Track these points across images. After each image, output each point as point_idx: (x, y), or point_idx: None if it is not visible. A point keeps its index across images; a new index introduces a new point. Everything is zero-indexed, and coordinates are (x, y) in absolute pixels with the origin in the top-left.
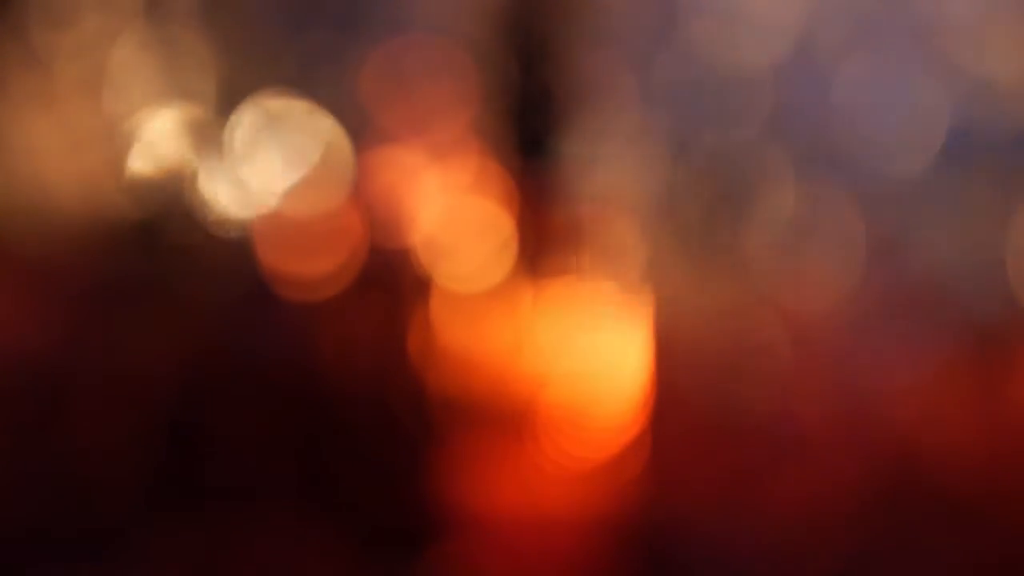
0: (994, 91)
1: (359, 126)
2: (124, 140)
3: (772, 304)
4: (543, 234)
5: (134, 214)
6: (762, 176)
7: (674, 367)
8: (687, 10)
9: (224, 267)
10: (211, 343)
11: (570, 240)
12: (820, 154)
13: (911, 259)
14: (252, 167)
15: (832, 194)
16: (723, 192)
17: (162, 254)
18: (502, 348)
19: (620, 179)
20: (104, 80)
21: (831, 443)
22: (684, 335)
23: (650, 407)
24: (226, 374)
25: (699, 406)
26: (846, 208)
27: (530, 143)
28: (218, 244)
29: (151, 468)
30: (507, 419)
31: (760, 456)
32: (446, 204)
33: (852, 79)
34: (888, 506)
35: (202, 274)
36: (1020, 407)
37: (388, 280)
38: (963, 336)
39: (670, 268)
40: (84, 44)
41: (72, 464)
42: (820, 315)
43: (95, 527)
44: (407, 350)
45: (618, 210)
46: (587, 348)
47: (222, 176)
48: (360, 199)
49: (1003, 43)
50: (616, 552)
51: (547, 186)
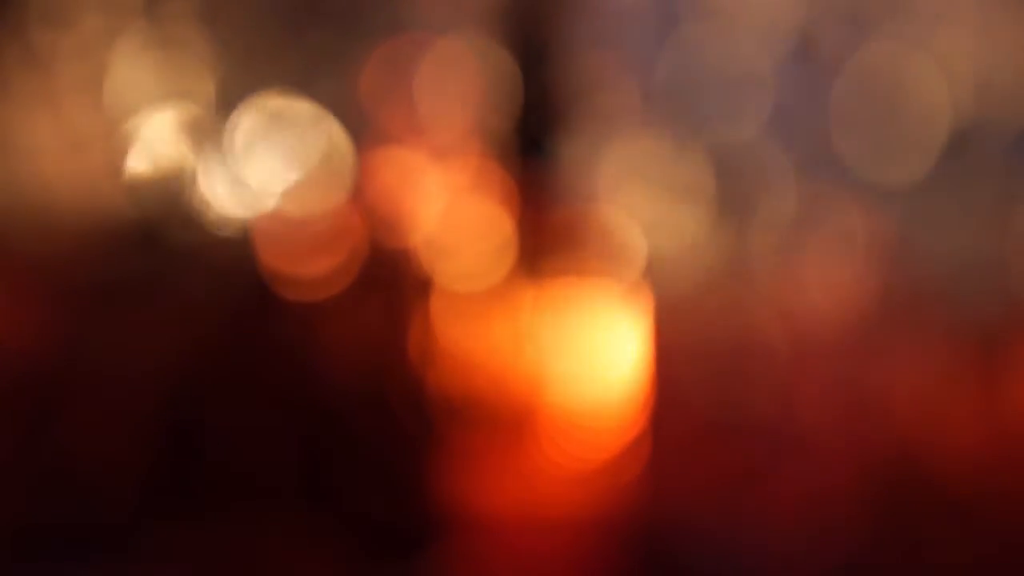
0: (994, 91)
1: (359, 126)
2: (124, 140)
3: (773, 304)
4: (543, 234)
5: (134, 214)
6: (762, 176)
7: (674, 367)
8: (687, 10)
9: (224, 267)
10: (211, 343)
11: (570, 240)
12: (820, 154)
13: (911, 259)
14: (252, 167)
15: (832, 194)
16: (724, 192)
17: (162, 254)
18: (502, 348)
19: (621, 179)
20: (104, 80)
21: (831, 443)
22: (684, 335)
23: (650, 407)
24: (226, 374)
25: (699, 406)
26: (846, 208)
27: (530, 143)
28: (218, 244)
29: (151, 468)
30: (507, 419)
31: (760, 456)
32: (446, 204)
33: (852, 79)
34: (888, 506)
35: (202, 274)
36: (1020, 407)
37: (388, 280)
38: (963, 336)
39: (670, 268)
40: (84, 44)
41: (72, 464)
42: (820, 315)
43: (95, 527)
44: (407, 350)
45: (618, 210)
46: (587, 348)
47: (222, 176)
48: (360, 199)
49: (1003, 43)
50: (616, 552)
51: (547, 186)
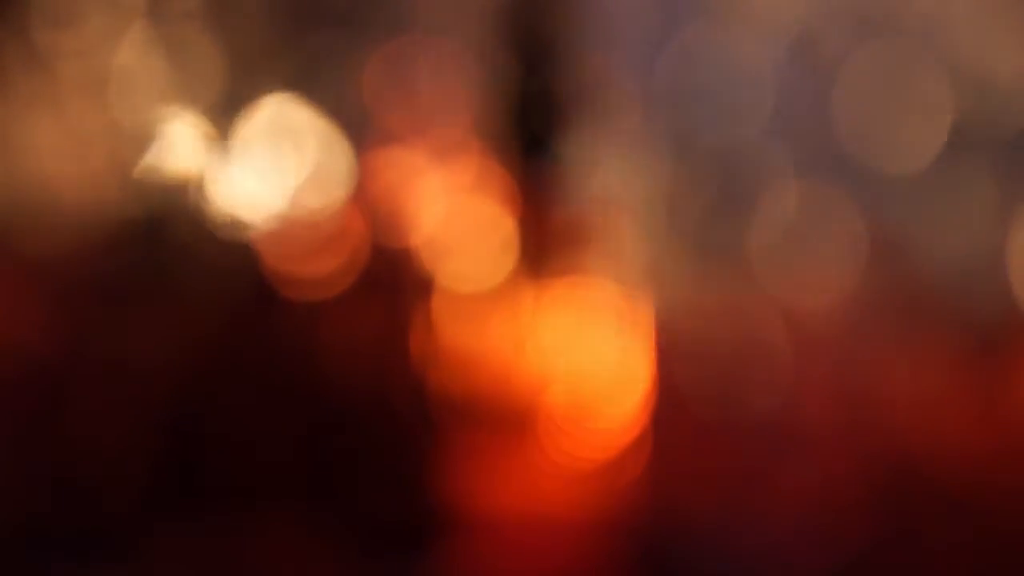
0: (994, 90)
1: (361, 127)
2: (128, 140)
3: (773, 304)
4: (544, 234)
5: (137, 214)
6: (763, 176)
7: (675, 367)
8: (688, 11)
9: (227, 267)
10: (214, 343)
11: (571, 240)
12: (820, 154)
13: (911, 258)
14: (255, 167)
15: (832, 194)
16: (724, 192)
17: (165, 254)
18: (504, 348)
19: (621, 179)
20: (108, 81)
21: (831, 443)
22: (685, 335)
23: (651, 407)
24: (229, 373)
25: (700, 406)
26: (846, 208)
27: (531, 143)
28: (221, 244)
29: (153, 467)
30: (509, 419)
31: (760, 456)
32: (448, 204)
33: (852, 79)
34: (888, 505)
35: (205, 274)
36: (1020, 406)
37: (390, 280)
38: (963, 335)
39: (671, 268)
40: (88, 45)
41: (73, 463)
42: (821, 315)
43: (95, 526)
44: (409, 350)
45: (619, 210)
46: (588, 348)
47: (225, 176)
48: (362, 199)
49: (1003, 42)
50: (616, 552)
51: (548, 186)
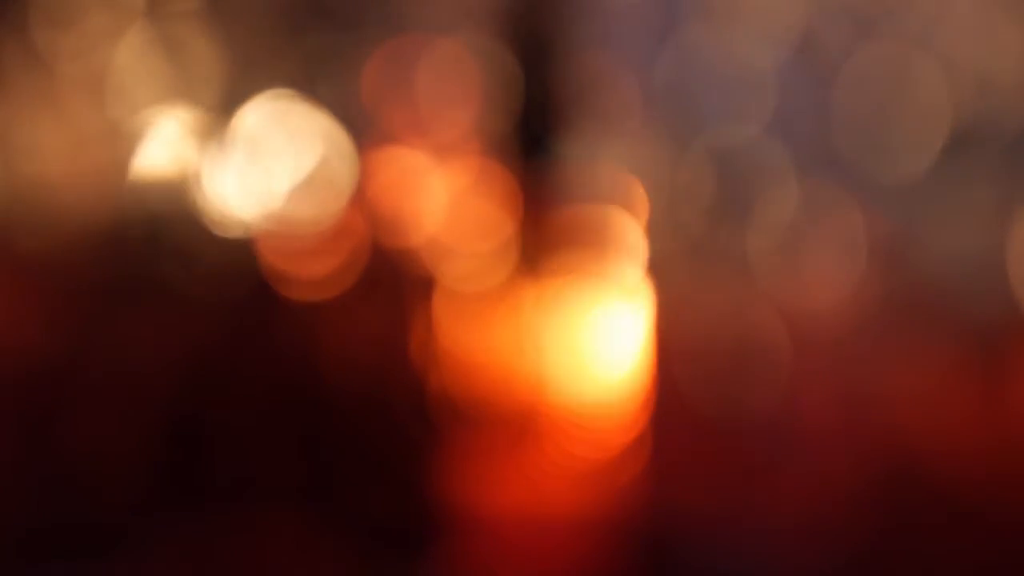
0: (994, 90)
1: (362, 126)
2: (127, 140)
3: (772, 304)
4: (545, 234)
5: (137, 214)
6: (763, 176)
7: (675, 367)
8: (688, 10)
9: (227, 267)
10: (214, 343)
11: (571, 240)
12: (820, 154)
13: (912, 259)
14: (255, 167)
15: (832, 194)
16: (724, 192)
17: (165, 254)
18: (504, 348)
19: (621, 179)
20: (107, 80)
21: (831, 442)
22: (685, 335)
23: (651, 407)
24: (229, 374)
25: (700, 406)
26: (847, 208)
27: (532, 143)
28: (221, 244)
29: (153, 467)
30: (509, 419)
31: (761, 456)
32: (448, 204)
33: (852, 79)
34: (888, 505)
35: (205, 274)
36: (1020, 407)
37: (391, 280)
38: (963, 336)
39: (671, 268)
40: (87, 44)
41: (73, 463)
42: (820, 315)
43: (96, 526)
44: (409, 350)
45: (619, 210)
46: (588, 348)
47: (225, 176)
48: (362, 199)
49: (1004, 42)
50: (616, 552)
51: (549, 186)
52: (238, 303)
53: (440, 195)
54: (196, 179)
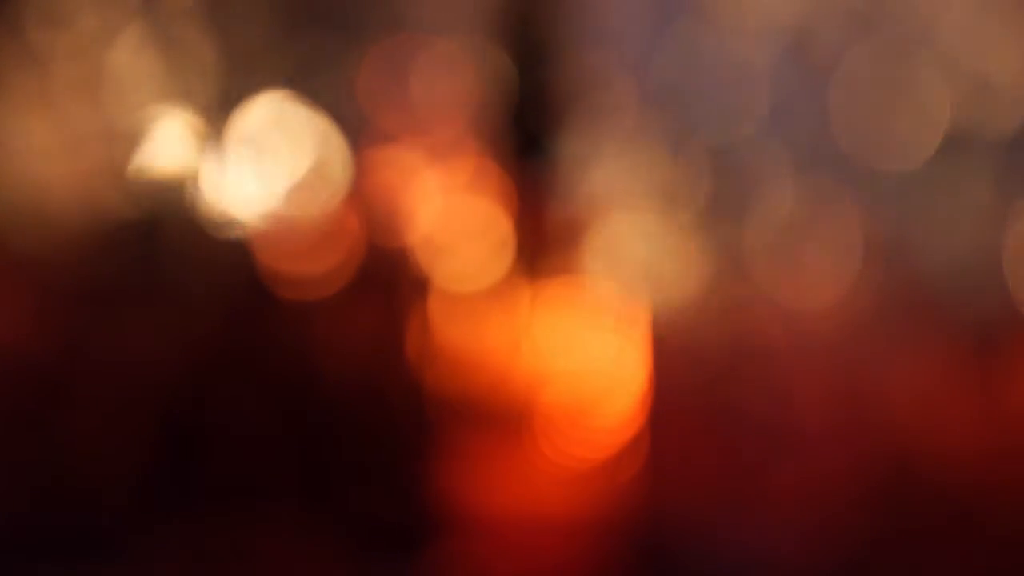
0: (993, 90)
1: (357, 126)
2: (123, 140)
3: (770, 303)
4: (541, 234)
5: (133, 214)
6: (760, 175)
7: (672, 367)
8: (684, 9)
9: (223, 267)
10: (210, 342)
11: (568, 239)
12: (818, 153)
13: (909, 257)
14: (251, 166)
15: (831, 193)
16: (720, 191)
17: (161, 254)
18: (500, 348)
19: (618, 179)
20: (103, 80)
21: (830, 443)
22: (682, 334)
23: (648, 406)
24: (225, 373)
25: (697, 405)
26: (845, 207)
27: (528, 143)
28: (217, 243)
29: (150, 468)
30: (505, 418)
31: (759, 456)
32: (444, 204)
33: (851, 78)
34: (886, 504)
35: (201, 273)
36: (1017, 406)
37: (386, 280)
38: (961, 335)
39: (668, 267)
40: (82, 44)
41: (71, 464)
42: (818, 314)
43: (95, 526)
44: (405, 350)
45: (616, 209)
46: (585, 348)
47: (221, 176)
48: (358, 199)
49: (1002, 43)
50: (615, 551)
51: (545, 186)
52: (234, 302)
53: (435, 194)
54: (193, 179)
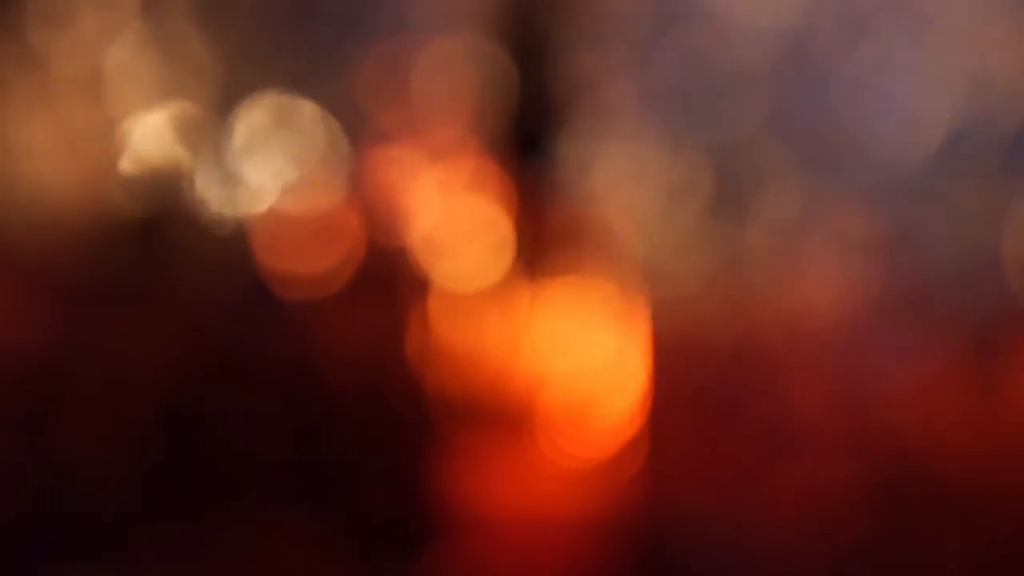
0: (993, 90)
1: (357, 125)
2: (122, 139)
3: (770, 303)
4: (541, 233)
5: (132, 212)
6: (761, 175)
7: (673, 366)
8: (684, 10)
9: (222, 266)
10: (209, 341)
11: (568, 239)
12: (819, 153)
13: (910, 258)
14: (250, 166)
15: (831, 193)
16: (720, 190)
17: (160, 252)
18: (500, 347)
19: (618, 179)
20: (102, 79)
21: (830, 442)
22: (682, 334)
23: (648, 406)
24: (224, 373)
25: (697, 405)
26: (845, 207)
27: (528, 143)
28: (216, 243)
29: (150, 467)
30: (506, 418)
31: (759, 455)
32: (444, 203)
33: (851, 78)
34: (886, 503)
35: (200, 272)
36: (1017, 405)
37: (386, 279)
38: (961, 334)
39: (668, 267)
40: (82, 43)
41: (71, 463)
42: (819, 314)
43: (94, 526)
44: (405, 349)
45: (616, 209)
46: (585, 347)
47: (220, 175)
48: (358, 198)
49: (1002, 42)
50: (615, 550)
51: (545, 186)
52: (233, 301)
53: (435, 194)
54: (191, 178)
